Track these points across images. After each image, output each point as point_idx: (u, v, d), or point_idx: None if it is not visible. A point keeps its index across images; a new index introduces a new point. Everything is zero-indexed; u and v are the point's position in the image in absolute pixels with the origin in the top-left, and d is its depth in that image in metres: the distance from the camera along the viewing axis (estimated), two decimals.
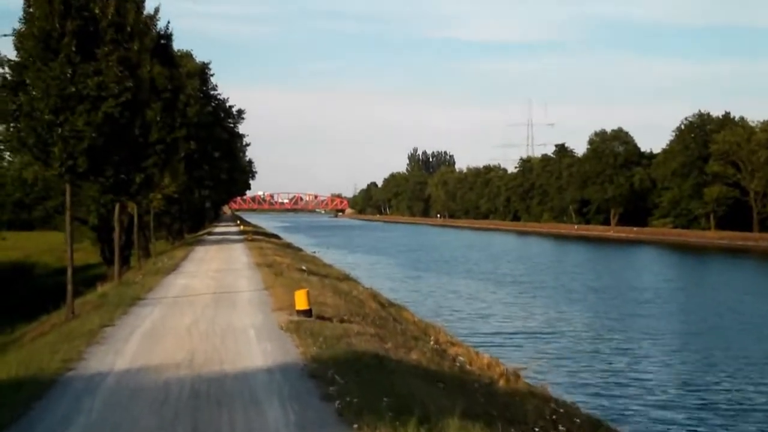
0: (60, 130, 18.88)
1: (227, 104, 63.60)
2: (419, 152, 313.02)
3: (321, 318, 17.43)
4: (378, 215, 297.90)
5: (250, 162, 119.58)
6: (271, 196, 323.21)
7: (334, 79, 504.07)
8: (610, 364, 26.14)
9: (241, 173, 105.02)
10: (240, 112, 63.71)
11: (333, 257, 67.81)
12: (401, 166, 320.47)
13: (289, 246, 67.30)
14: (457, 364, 17.22)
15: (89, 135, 18.74)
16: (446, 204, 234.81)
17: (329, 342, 13.88)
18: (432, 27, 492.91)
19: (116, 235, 29.40)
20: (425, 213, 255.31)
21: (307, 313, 17.23)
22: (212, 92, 61.97)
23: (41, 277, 66.49)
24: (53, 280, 63.08)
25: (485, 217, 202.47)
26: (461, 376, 15.50)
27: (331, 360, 11.88)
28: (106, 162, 20.47)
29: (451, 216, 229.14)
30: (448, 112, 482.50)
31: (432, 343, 18.88)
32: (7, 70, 18.86)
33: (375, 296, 30.70)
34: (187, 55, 56.78)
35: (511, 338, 30.72)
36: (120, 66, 19.16)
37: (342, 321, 17.56)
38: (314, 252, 69.29)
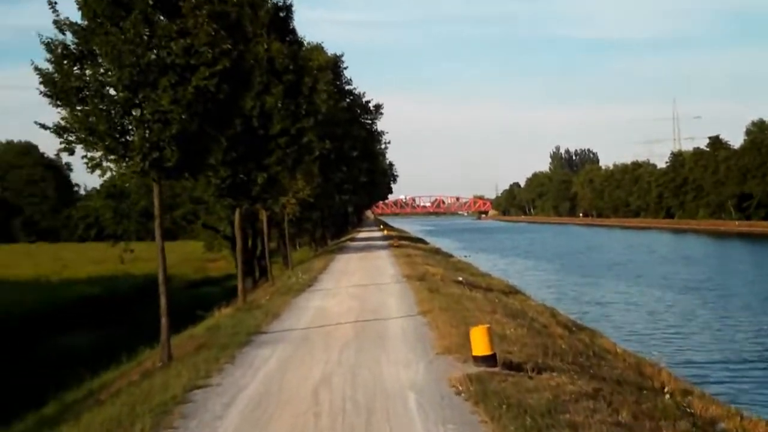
0: (139, 112, 13.93)
1: (363, 99, 57.96)
2: (562, 150, 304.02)
3: (508, 367, 11.73)
4: (522, 216, 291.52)
5: (391, 165, 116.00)
6: (413, 200, 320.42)
7: (474, 82, 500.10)
8: None
9: (382, 176, 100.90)
10: (378, 107, 57.65)
11: (484, 263, 62.08)
12: (543, 165, 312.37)
13: (437, 252, 61.92)
14: None
15: (178, 117, 13.67)
16: (593, 202, 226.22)
17: (540, 424, 8.26)
18: (569, 26, 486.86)
19: (238, 247, 24.58)
20: (571, 212, 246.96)
21: (490, 360, 11.57)
22: (346, 87, 57.07)
23: (177, 291, 63.38)
24: (188, 294, 59.75)
25: (635, 215, 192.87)
26: None
27: None
28: (204, 154, 15.30)
29: (599, 215, 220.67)
30: (588, 110, 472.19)
31: (667, 396, 12.86)
32: (70, 37, 14.00)
33: (554, 315, 24.79)
34: (318, 48, 52.22)
35: (743, 372, 23.79)
36: (214, 24, 13.99)
37: (539, 370, 11.77)
38: (465, 257, 63.71)
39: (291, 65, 24.34)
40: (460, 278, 31.54)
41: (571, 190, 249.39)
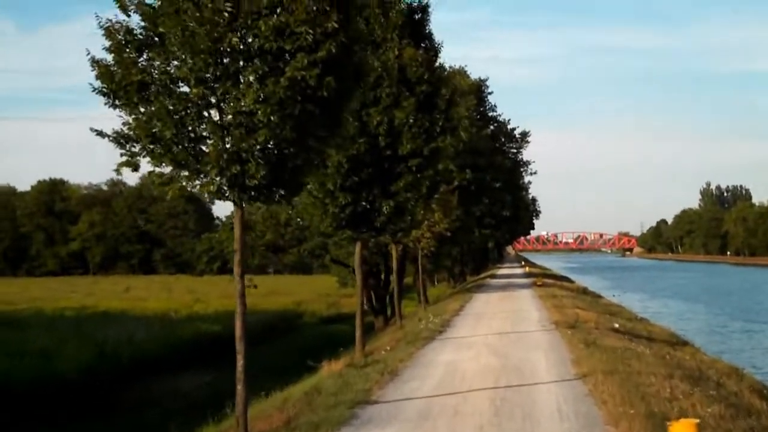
0: (216, 114, 10.71)
1: (508, 126, 53.38)
2: (712, 187, 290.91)
3: None
4: (669, 254, 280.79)
5: (534, 200, 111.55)
6: (555, 236, 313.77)
7: (619, 116, 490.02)
8: None
9: (525, 211, 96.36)
10: (524, 135, 52.89)
11: (636, 305, 56.82)
12: (691, 202, 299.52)
13: (585, 292, 57.01)
14: None
15: (265, 120, 10.34)
16: (746, 241, 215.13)
17: None
18: (717, 61, 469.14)
19: (357, 285, 21.09)
20: (721, 251, 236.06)
21: None
22: (490, 113, 53.00)
23: (308, 327, 60.84)
24: (318, 331, 57.05)
25: None
26: None
27: None
28: (299, 172, 11.77)
29: (752, 254, 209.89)
30: (740, 146, 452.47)
31: None
32: (136, 19, 10.95)
33: (740, 376, 20.21)
34: (461, 72, 48.78)
35: None
36: None
37: None
38: (614, 296, 58.59)
39: (426, 74, 20.78)
40: (617, 325, 27.27)
41: (722, 228, 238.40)
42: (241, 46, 10.52)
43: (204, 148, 10.80)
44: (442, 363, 16.78)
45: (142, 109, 10.78)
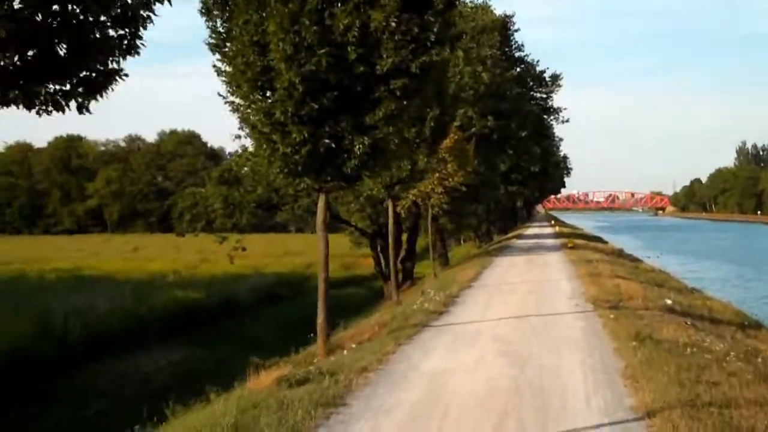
0: None
1: (537, 68, 45.94)
2: (748, 145, 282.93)
3: None
4: (703, 213, 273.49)
5: (565, 157, 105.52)
6: (586, 195, 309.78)
7: (653, 76, 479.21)
8: None
9: (555, 167, 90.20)
10: (555, 78, 45.17)
11: (679, 269, 50.75)
12: (725, 161, 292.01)
13: (620, 254, 50.95)
14: None
15: None
16: None
17: None
18: (752, 21, 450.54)
19: (320, 251, 15.18)
20: (757, 210, 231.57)
21: None
22: (517, 53, 46.02)
23: (315, 291, 55.10)
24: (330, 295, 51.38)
25: None
26: None
27: None
28: None
29: None
30: None
31: None
32: None
33: None
34: (483, 8, 42.29)
35: None
36: None
37: None
38: (649, 258, 52.65)
39: None
40: (669, 301, 21.46)
41: (758, 186, 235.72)
42: None
43: None
44: (421, 377, 10.96)
45: None
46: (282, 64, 13.61)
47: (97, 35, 10.94)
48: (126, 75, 11.79)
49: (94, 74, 11.41)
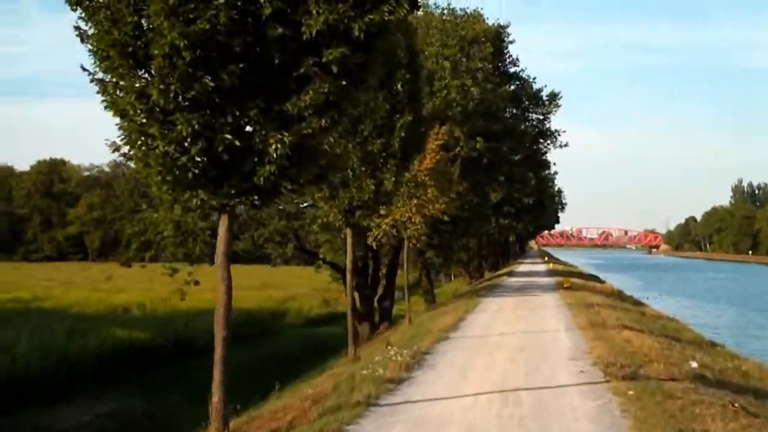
0: None
1: (533, 85, 40.79)
2: (744, 184, 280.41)
3: None
4: (698, 252, 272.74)
5: (560, 191, 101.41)
6: (579, 231, 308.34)
7: (647, 112, 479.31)
8: None
9: (550, 199, 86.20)
10: (553, 97, 39.90)
11: (686, 314, 46.41)
12: (719, 200, 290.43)
13: (621, 296, 46.44)
14: None
15: None
16: None
17: None
18: (755, 56, 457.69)
19: (220, 297, 10.45)
20: (753, 250, 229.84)
21: None
22: (511, 68, 40.82)
23: (289, 330, 50.48)
24: (296, 337, 46.88)
25: None
26: None
27: None
28: None
29: None
30: None
31: None
32: None
33: None
34: (475, 17, 37.70)
35: None
36: None
37: None
38: (647, 299, 48.31)
39: None
40: (694, 364, 16.95)
41: (755, 226, 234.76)
42: None
43: None
44: None
45: None
46: (162, 19, 9.17)
47: None
48: None
49: None
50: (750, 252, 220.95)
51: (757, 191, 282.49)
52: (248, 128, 9.96)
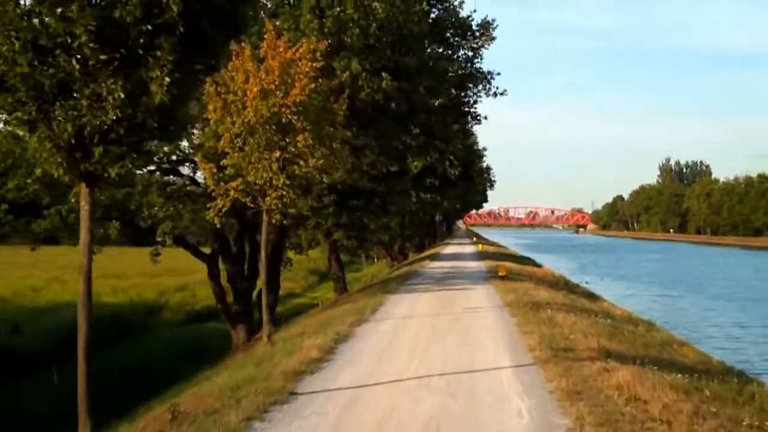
0: None
1: (459, 11, 30.11)
2: (672, 162, 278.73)
3: None
4: (625, 231, 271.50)
5: (488, 168, 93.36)
6: (507, 211, 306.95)
7: (574, 94, 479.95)
8: None
9: (479, 174, 78.52)
10: (486, 26, 29.56)
11: (634, 302, 39.19)
12: (645, 179, 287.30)
13: (568, 286, 37.95)
14: None
15: None
16: (709, 219, 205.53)
17: None
18: (677, 38, 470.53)
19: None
20: (681, 228, 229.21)
21: None
22: None
23: (163, 328, 40.36)
24: (167, 338, 36.95)
25: (757, 233, 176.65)
26: None
27: None
28: None
29: (713, 232, 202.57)
30: (696, 124, 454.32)
31: None
32: None
33: None
34: None
35: None
36: None
37: None
38: (586, 284, 40.57)
39: None
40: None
41: (683, 204, 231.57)
42: None
43: None
44: None
45: None
46: None
47: None
48: None
49: None
50: (671, 230, 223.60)
51: (684, 169, 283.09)
52: None
